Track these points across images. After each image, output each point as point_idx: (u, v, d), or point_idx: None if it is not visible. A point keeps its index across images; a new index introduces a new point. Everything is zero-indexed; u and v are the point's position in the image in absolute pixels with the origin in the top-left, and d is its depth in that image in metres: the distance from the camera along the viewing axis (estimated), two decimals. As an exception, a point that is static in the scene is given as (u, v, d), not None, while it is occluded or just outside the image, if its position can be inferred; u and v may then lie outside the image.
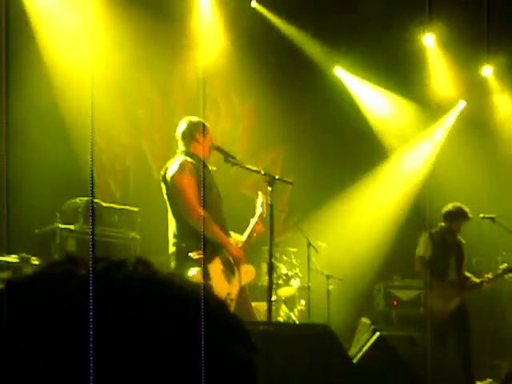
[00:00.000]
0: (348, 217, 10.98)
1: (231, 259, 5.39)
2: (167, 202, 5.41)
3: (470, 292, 8.01)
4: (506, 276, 8.16)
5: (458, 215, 8.05)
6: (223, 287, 5.24)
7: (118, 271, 0.88)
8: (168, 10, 9.57)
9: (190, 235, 5.23)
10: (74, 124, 8.29)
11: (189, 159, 5.41)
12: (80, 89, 7.76)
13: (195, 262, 5.13)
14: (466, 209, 8.07)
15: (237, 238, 5.66)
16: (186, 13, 9.69)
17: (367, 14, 10.33)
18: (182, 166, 5.35)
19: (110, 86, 8.96)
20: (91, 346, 0.78)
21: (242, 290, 5.46)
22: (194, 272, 5.06)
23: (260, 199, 5.79)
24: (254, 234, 5.62)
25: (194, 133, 5.54)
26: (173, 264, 5.35)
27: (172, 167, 5.39)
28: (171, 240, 5.37)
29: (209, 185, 5.37)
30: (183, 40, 9.73)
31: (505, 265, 8.05)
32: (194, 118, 5.65)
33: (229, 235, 5.55)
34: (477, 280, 8.03)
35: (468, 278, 8.08)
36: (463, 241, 8.22)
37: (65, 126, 8.65)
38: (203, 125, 5.61)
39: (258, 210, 5.72)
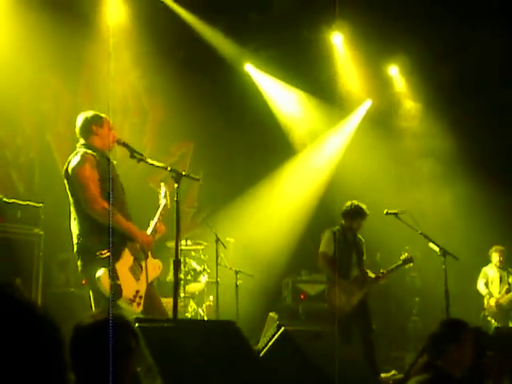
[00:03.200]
0: (256, 213, 11.05)
1: (139, 252, 5.31)
2: (70, 198, 5.29)
3: (370, 287, 8.20)
4: (406, 266, 8.37)
5: (355, 214, 8.21)
6: (132, 286, 5.16)
7: None
8: (75, 3, 9.37)
9: (94, 232, 5.11)
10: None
11: (89, 151, 5.32)
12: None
13: (102, 261, 5.03)
14: (363, 206, 8.24)
15: None
16: (93, 7, 9.50)
17: (278, 13, 10.42)
18: (82, 158, 5.24)
19: (12, 79, 8.72)
20: None
21: (150, 286, 5.40)
22: (100, 273, 4.95)
23: (163, 190, 5.75)
24: (156, 234, 5.56)
25: (90, 126, 5.45)
26: (79, 263, 5.22)
27: (73, 161, 5.27)
28: (75, 238, 5.23)
29: (108, 178, 5.26)
30: (91, 34, 9.54)
31: (404, 255, 8.26)
32: (90, 113, 5.55)
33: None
34: (373, 275, 8.23)
35: (366, 273, 8.27)
36: (363, 239, 8.42)
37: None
38: (99, 116, 5.52)
39: (162, 202, 5.67)
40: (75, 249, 5.24)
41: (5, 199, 7.47)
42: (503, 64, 10.66)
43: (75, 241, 5.23)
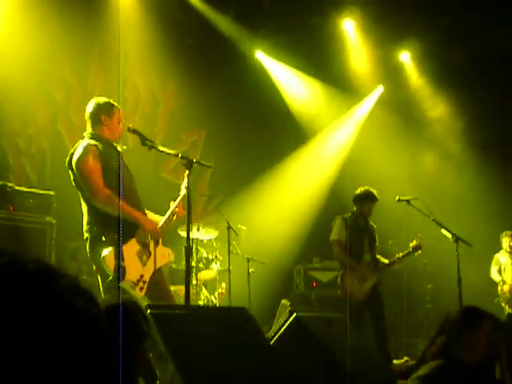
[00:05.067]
0: (268, 200, 11.03)
1: (148, 238, 5.34)
2: (75, 188, 5.33)
3: (382, 273, 8.21)
4: (415, 254, 8.36)
5: (365, 198, 8.24)
6: (137, 269, 5.19)
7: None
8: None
9: (101, 219, 5.16)
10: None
11: (92, 142, 5.32)
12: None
13: (109, 244, 5.07)
14: (374, 191, 8.27)
15: (156, 219, 5.60)
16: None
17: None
18: (85, 150, 5.25)
19: (25, 68, 8.75)
20: None
21: (158, 272, 5.42)
22: (106, 252, 5.01)
23: (185, 181, 5.73)
24: (174, 217, 5.58)
25: (99, 115, 5.43)
26: (88, 248, 5.27)
27: (76, 153, 5.29)
28: (84, 226, 5.28)
29: (115, 168, 5.27)
30: (101, 23, 9.53)
31: (413, 242, 8.25)
32: (102, 99, 5.52)
33: (143, 213, 5.49)
34: (386, 261, 8.24)
35: (379, 259, 8.28)
36: (374, 225, 8.43)
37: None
38: (111, 105, 5.49)
39: (182, 192, 5.67)
40: (84, 235, 5.29)
41: (17, 187, 7.51)
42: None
43: (84, 228, 5.28)
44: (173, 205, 5.60)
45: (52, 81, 9.63)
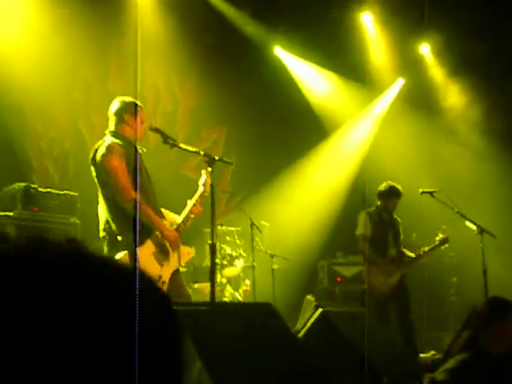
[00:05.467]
0: (290, 196, 11.03)
1: (166, 242, 5.34)
2: (97, 184, 5.32)
3: (408, 266, 8.18)
4: (442, 247, 8.32)
5: (390, 194, 8.21)
6: (154, 270, 5.17)
7: (42, 246, 0.85)
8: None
9: (120, 218, 5.16)
10: (9, 108, 8.11)
11: (116, 140, 5.31)
12: (13, 72, 7.59)
13: (125, 245, 5.08)
14: (398, 187, 8.23)
15: (173, 218, 5.60)
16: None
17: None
18: (109, 148, 5.24)
19: (45, 69, 8.81)
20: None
21: (176, 272, 5.44)
22: (121, 255, 5.01)
23: (203, 177, 5.71)
24: (192, 216, 5.58)
25: (123, 114, 5.41)
26: (105, 248, 5.28)
27: (100, 149, 5.29)
28: (102, 224, 5.28)
29: (139, 168, 5.28)
30: (121, 22, 9.57)
31: (440, 236, 8.21)
32: (127, 98, 5.51)
33: (163, 218, 5.51)
34: (412, 255, 8.21)
35: (404, 253, 8.25)
36: (399, 219, 8.41)
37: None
38: (135, 105, 5.48)
39: (200, 189, 5.66)
40: (101, 233, 5.30)
41: (40, 189, 7.56)
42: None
43: (101, 226, 5.29)
44: (189, 203, 5.60)
45: (72, 82, 9.70)
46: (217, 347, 4.03)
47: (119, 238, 5.13)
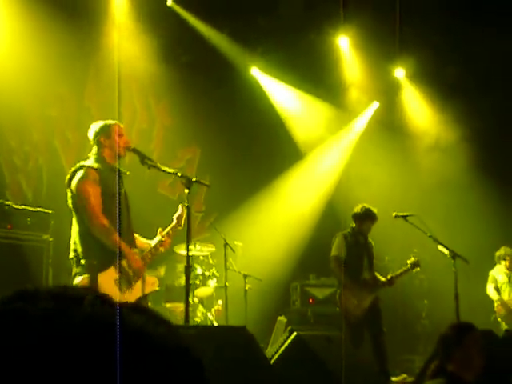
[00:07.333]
0: (264, 217, 11.03)
1: (130, 271, 5.34)
2: (71, 207, 5.33)
3: (380, 290, 8.19)
4: (413, 270, 8.35)
5: (365, 217, 8.20)
6: (113, 296, 5.12)
7: (74, 310, 0.81)
8: (82, 9, 9.39)
9: (87, 242, 5.21)
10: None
11: (95, 165, 5.33)
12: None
13: (87, 270, 5.11)
14: (374, 210, 8.23)
15: (145, 244, 5.62)
16: (100, 12, 9.51)
17: (284, 16, 10.43)
18: (85, 173, 5.28)
19: (20, 84, 8.75)
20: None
21: (144, 299, 5.42)
22: (79, 279, 5.04)
23: (179, 211, 5.72)
24: (162, 248, 5.59)
25: (99, 138, 5.44)
26: (74, 269, 5.28)
27: (77, 174, 5.30)
28: (71, 245, 5.31)
29: (113, 193, 5.27)
30: (98, 39, 9.56)
31: (412, 259, 8.23)
32: (98, 125, 5.52)
33: (134, 246, 5.49)
34: (383, 279, 8.22)
35: (377, 277, 8.26)
36: (372, 242, 8.42)
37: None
38: (107, 125, 5.47)
39: (174, 221, 5.67)
40: (70, 254, 5.32)
41: (14, 205, 7.48)
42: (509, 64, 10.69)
43: (71, 247, 5.30)
44: (158, 235, 5.60)
45: (47, 97, 9.62)
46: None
47: (82, 261, 5.16)
